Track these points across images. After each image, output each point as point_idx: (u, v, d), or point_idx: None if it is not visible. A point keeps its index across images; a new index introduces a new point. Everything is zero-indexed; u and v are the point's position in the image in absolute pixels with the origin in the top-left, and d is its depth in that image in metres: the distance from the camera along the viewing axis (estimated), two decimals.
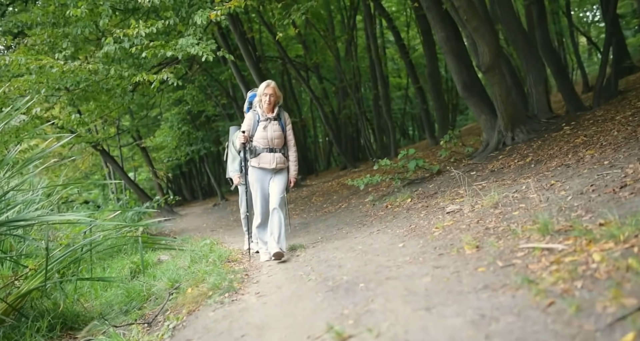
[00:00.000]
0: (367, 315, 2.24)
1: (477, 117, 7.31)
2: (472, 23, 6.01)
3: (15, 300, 4.12)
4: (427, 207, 4.91)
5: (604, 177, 3.52)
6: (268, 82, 4.63)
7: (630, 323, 1.44)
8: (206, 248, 5.91)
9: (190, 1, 6.31)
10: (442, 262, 2.84)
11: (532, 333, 1.59)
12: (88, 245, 5.04)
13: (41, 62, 6.35)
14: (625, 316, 1.48)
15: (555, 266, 2.13)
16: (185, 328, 3.24)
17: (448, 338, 1.73)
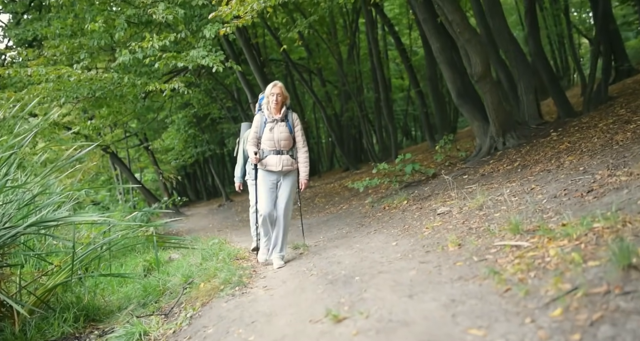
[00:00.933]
0: (360, 302, 2.64)
1: (470, 123, 7.71)
2: (464, 35, 6.41)
3: (43, 294, 4.55)
4: (421, 209, 5.31)
5: (576, 182, 3.91)
6: (275, 82, 4.58)
7: (560, 302, 1.84)
8: (215, 247, 6.32)
9: (200, 16, 6.72)
10: (428, 258, 3.24)
11: (488, 312, 1.99)
12: (107, 243, 5.49)
13: (60, 71, 6.77)
14: (559, 298, 1.88)
15: (518, 260, 2.52)
16: (200, 317, 3.64)
17: (423, 317, 2.13)
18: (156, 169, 19.48)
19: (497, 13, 7.27)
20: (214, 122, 20.52)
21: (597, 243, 2.31)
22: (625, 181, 3.34)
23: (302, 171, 4.62)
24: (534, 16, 8.46)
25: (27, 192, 4.81)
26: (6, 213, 4.50)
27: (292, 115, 4.63)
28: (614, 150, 4.51)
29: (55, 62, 7.62)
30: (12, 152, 4.66)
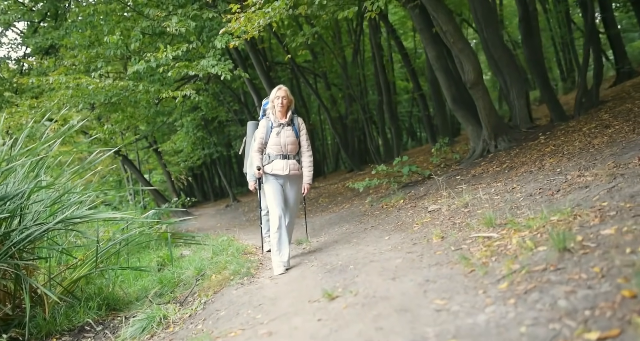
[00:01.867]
0: (352, 285, 3.08)
1: (465, 127, 8.13)
2: (458, 45, 6.84)
3: (69, 285, 5.02)
4: (415, 207, 5.74)
5: (551, 182, 4.34)
6: (279, 86, 4.59)
7: (508, 278, 2.28)
8: (225, 243, 6.79)
9: (210, 27, 7.19)
10: (414, 249, 3.68)
11: (453, 288, 2.43)
12: (126, 240, 5.99)
13: (79, 80, 7.26)
14: (507, 275, 2.31)
15: (485, 248, 2.96)
16: (213, 302, 4.10)
17: (400, 293, 2.57)
18: (165, 171, 20.01)
19: (490, 22, 7.69)
20: (221, 125, 21.04)
21: (550, 232, 2.74)
22: (590, 181, 3.77)
23: (306, 176, 4.64)
24: (528, 24, 8.86)
25: (54, 192, 5.30)
26: (37, 211, 4.98)
27: (297, 120, 4.64)
28: (589, 153, 4.93)
29: (73, 70, 8.12)
30: (42, 156, 5.16)
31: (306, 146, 4.65)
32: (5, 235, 4.47)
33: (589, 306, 1.70)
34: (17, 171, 4.96)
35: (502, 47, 7.86)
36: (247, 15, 4.88)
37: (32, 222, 4.73)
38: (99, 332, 4.38)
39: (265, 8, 4.78)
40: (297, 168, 4.58)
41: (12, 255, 4.34)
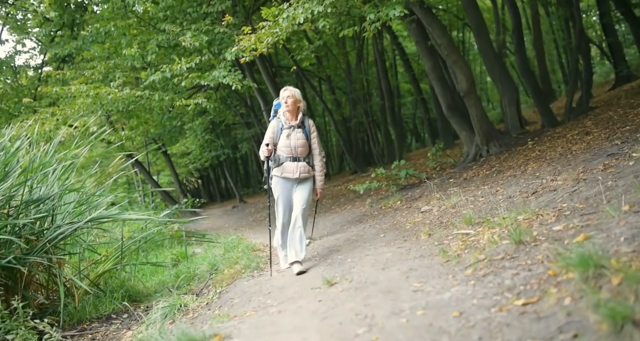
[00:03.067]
0: (348, 274, 3.61)
1: (459, 133, 8.64)
2: (452, 57, 7.36)
3: (95, 278, 5.56)
4: (409, 208, 6.26)
5: (529, 185, 4.84)
6: (286, 87, 4.58)
7: (473, 266, 2.80)
8: (235, 242, 7.34)
9: (221, 41, 7.74)
10: (404, 245, 4.20)
11: (430, 274, 2.95)
12: (145, 237, 6.54)
13: (99, 90, 7.83)
14: (473, 263, 2.83)
15: (462, 242, 3.47)
16: (227, 292, 4.62)
17: (387, 279, 3.10)
18: (173, 173, 20.61)
19: (482, 35, 8.20)
20: (228, 128, 21.61)
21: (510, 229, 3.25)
22: (559, 185, 4.27)
23: (318, 180, 4.62)
24: (520, 35, 9.37)
25: (81, 194, 5.85)
26: (67, 211, 5.53)
27: (308, 122, 4.60)
28: (566, 158, 5.43)
29: (92, 80, 8.70)
30: (72, 161, 5.71)
31: (317, 149, 4.60)
32: (40, 232, 5.00)
33: (525, 283, 2.22)
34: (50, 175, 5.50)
35: (494, 58, 8.37)
36: (257, 35, 5.42)
37: (63, 221, 5.27)
38: (124, 319, 4.89)
39: (272, 28, 5.32)
40: (308, 170, 4.53)
41: (47, 251, 4.87)
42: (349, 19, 6.52)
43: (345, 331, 2.30)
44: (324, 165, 4.67)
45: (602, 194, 3.35)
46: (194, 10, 7.83)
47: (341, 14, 5.99)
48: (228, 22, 6.10)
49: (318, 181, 4.64)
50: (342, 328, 2.37)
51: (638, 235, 2.30)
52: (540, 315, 1.82)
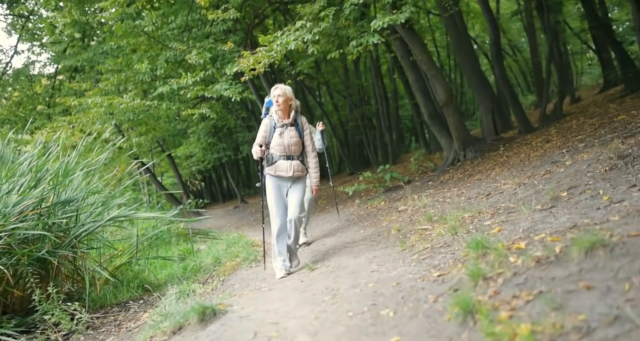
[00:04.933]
0: (327, 261, 4.43)
1: (439, 139, 9.45)
2: (431, 71, 8.18)
3: (113, 270, 6.36)
4: (390, 208, 7.08)
5: (487, 188, 5.65)
6: (276, 85, 4.49)
7: (419, 253, 3.61)
8: (236, 239, 8.16)
9: (222, 57, 8.57)
10: (376, 238, 5.02)
11: (388, 260, 3.76)
12: (156, 234, 7.37)
13: (113, 101, 8.67)
14: (420, 251, 3.65)
15: (419, 236, 4.29)
16: (229, 280, 5.44)
17: (355, 265, 3.91)
18: (177, 174, 21.48)
19: (463, 50, 9.00)
20: (230, 131, 22.45)
21: (460, 224, 4.06)
22: (507, 188, 5.09)
23: (313, 177, 4.58)
24: (498, 48, 10.18)
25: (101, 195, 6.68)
26: (90, 211, 6.35)
27: (301, 119, 4.55)
28: (523, 164, 6.24)
29: (106, 91, 9.55)
30: (96, 167, 6.54)
31: (311, 146, 4.55)
32: (67, 229, 5.81)
33: (446, 262, 3.04)
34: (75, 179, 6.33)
35: (472, 70, 9.18)
36: (255, 58, 6.24)
37: (86, 220, 6.08)
38: (140, 305, 5.69)
39: (268, 51, 6.13)
40: (302, 169, 4.50)
41: (73, 245, 5.68)
42: (336, 39, 7.32)
43: (316, 299, 3.12)
44: (317, 163, 4.60)
45: (531, 196, 4.17)
46: (199, 29, 8.68)
47: (330, 35, 6.81)
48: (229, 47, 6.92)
49: (313, 178, 4.59)
50: (314, 297, 3.19)
51: (532, 226, 3.11)
52: (444, 281, 2.64)
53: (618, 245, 2.06)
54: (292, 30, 5.85)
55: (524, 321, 1.72)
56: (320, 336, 2.36)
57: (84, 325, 4.63)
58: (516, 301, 1.93)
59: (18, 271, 4.91)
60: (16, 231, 4.90)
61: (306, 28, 5.75)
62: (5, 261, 4.67)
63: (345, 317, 2.56)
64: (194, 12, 8.20)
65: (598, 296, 1.70)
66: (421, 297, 2.51)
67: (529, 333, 1.59)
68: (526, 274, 2.16)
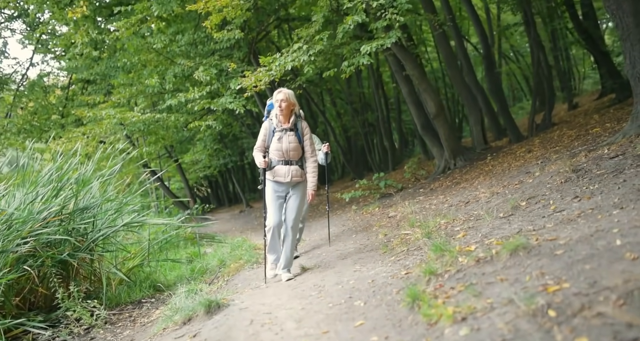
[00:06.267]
0: (318, 262, 4.98)
1: (431, 149, 9.99)
2: (422, 86, 8.73)
3: (127, 271, 6.91)
4: (382, 214, 7.62)
5: (468, 196, 6.19)
6: (280, 89, 4.47)
7: (397, 255, 4.15)
8: (240, 242, 8.73)
9: (227, 73, 9.17)
10: (365, 242, 5.57)
11: (371, 260, 4.31)
12: (166, 238, 7.94)
13: (125, 114, 9.29)
14: (398, 253, 4.19)
15: (400, 239, 4.83)
16: (233, 280, 5.99)
17: (341, 265, 4.46)
18: (184, 179, 22.14)
19: (452, 64, 9.55)
20: (235, 138, 23.06)
21: (435, 230, 4.60)
22: (483, 196, 5.62)
23: (310, 181, 4.53)
24: (490, 60, 10.72)
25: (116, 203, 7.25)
26: (107, 217, 6.92)
27: (301, 124, 4.50)
28: (503, 174, 6.77)
29: (118, 104, 10.19)
30: (110, 177, 7.13)
31: (310, 151, 4.50)
32: (85, 234, 6.38)
33: (415, 263, 3.58)
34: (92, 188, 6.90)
35: (462, 84, 9.73)
36: (256, 76, 6.82)
37: (102, 225, 6.65)
38: (152, 303, 6.23)
39: (268, 71, 6.71)
40: (300, 174, 4.47)
41: (91, 249, 6.25)
42: (333, 56, 7.90)
43: (304, 294, 3.67)
44: (316, 168, 4.55)
45: (499, 205, 4.71)
46: (205, 46, 9.29)
47: (326, 53, 7.38)
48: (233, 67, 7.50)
49: (310, 182, 4.54)
50: (303, 292, 3.74)
51: (490, 231, 3.66)
52: (408, 277, 3.19)
53: (535, 247, 2.60)
54: (290, 52, 6.44)
55: (451, 305, 2.26)
56: (304, 322, 2.91)
57: (103, 320, 5.11)
58: (452, 291, 2.48)
59: (42, 272, 5.45)
60: (41, 236, 5.44)
61: (302, 50, 6.33)
62: (32, 263, 5.21)
63: (326, 307, 3.11)
64: (200, 30, 8.80)
65: (506, 286, 2.24)
66: (388, 291, 3.06)
67: (451, 313, 2.14)
68: (466, 271, 2.70)
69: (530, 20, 9.86)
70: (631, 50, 5.44)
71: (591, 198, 3.51)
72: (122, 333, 4.87)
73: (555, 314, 1.77)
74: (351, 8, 6.07)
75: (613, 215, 2.86)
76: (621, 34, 5.55)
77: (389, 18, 5.84)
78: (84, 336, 4.84)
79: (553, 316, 1.76)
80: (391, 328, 2.36)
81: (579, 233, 2.67)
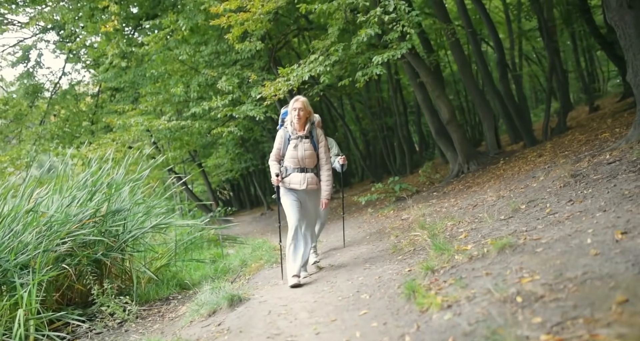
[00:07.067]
0: (332, 262, 5.33)
1: (445, 153, 10.26)
2: (435, 93, 9.03)
3: (155, 270, 7.35)
4: (396, 216, 7.94)
5: (477, 199, 6.46)
6: (297, 97, 4.48)
7: (404, 254, 4.48)
8: (260, 244, 9.13)
9: (247, 82, 9.63)
10: (377, 243, 5.90)
11: (379, 260, 4.64)
12: (191, 239, 8.38)
13: (152, 122, 9.81)
14: (406, 253, 4.51)
15: (409, 240, 5.14)
16: (254, 278, 6.39)
17: (353, 263, 4.80)
18: (207, 183, 22.77)
19: (466, 72, 9.83)
20: (256, 142, 23.59)
21: (441, 231, 4.91)
22: (490, 200, 5.90)
23: (324, 190, 4.54)
24: (503, 66, 10.94)
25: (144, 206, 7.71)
26: (136, 219, 7.38)
27: (316, 131, 4.53)
28: (513, 178, 7.02)
29: (145, 112, 10.74)
30: (139, 182, 7.58)
31: (324, 159, 4.52)
32: (117, 235, 6.83)
33: (419, 261, 3.91)
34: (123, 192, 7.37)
35: (476, 90, 9.99)
36: (275, 86, 7.23)
37: (133, 227, 7.11)
38: (179, 300, 6.65)
39: (286, 81, 7.11)
40: (315, 182, 4.49)
41: (122, 249, 6.70)
42: (349, 65, 8.27)
43: (318, 289, 4.03)
44: (330, 177, 4.56)
45: (503, 208, 5.00)
46: (227, 56, 9.77)
47: (342, 62, 7.75)
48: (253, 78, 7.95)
49: (324, 191, 4.54)
50: (316, 288, 4.10)
51: (489, 232, 3.96)
52: (410, 274, 3.53)
53: (520, 246, 2.92)
54: (307, 63, 6.83)
55: (441, 295, 2.60)
56: (316, 312, 3.27)
57: (134, 315, 5.49)
58: (444, 284, 2.81)
59: (79, 270, 5.90)
60: (77, 237, 5.89)
61: (318, 61, 6.71)
62: (70, 261, 5.65)
63: (335, 300, 3.47)
64: (223, 41, 9.27)
65: (489, 279, 2.57)
66: (391, 285, 3.40)
67: (440, 301, 2.48)
68: (459, 267, 3.03)
69: (544, 26, 10.06)
70: (633, 59, 5.67)
71: (582, 202, 3.79)
72: (152, 327, 5.26)
73: (522, 300, 2.10)
74: (365, 21, 6.43)
75: (595, 217, 3.15)
76: (624, 44, 5.78)
77: (399, 30, 6.19)
78: (117, 329, 5.23)
79: (519, 302, 2.09)
80: (390, 316, 2.71)
81: (561, 233, 2.98)
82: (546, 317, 1.86)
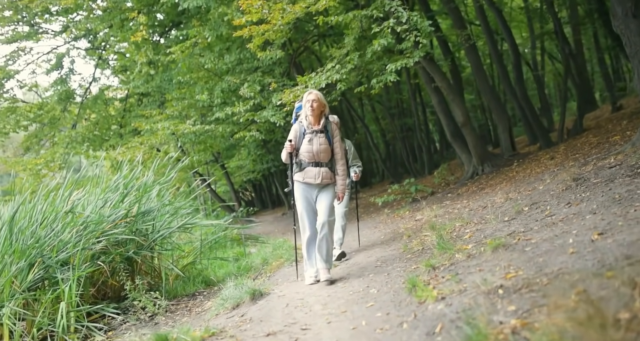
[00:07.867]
0: (348, 260, 5.67)
1: (460, 155, 10.50)
2: (450, 96, 9.28)
3: (182, 268, 7.79)
4: (411, 217, 8.24)
5: (487, 201, 6.73)
6: (310, 90, 4.47)
7: (413, 252, 4.80)
8: (281, 243, 9.53)
9: (268, 89, 10.05)
10: (390, 243, 6.22)
11: (391, 259, 4.97)
12: (215, 239, 8.81)
13: (178, 127, 10.30)
14: (415, 251, 4.84)
15: (420, 240, 5.45)
16: (274, 275, 6.77)
17: (366, 262, 5.14)
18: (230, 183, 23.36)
19: (480, 75, 10.05)
20: (277, 143, 24.07)
21: (449, 232, 5.20)
22: (499, 201, 6.17)
23: (339, 183, 4.54)
24: (519, 69, 11.12)
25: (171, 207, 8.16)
26: (164, 220, 7.82)
27: (331, 126, 4.52)
28: (523, 180, 7.26)
29: (171, 116, 11.26)
30: (166, 184, 8.03)
31: (339, 153, 4.52)
32: (146, 234, 7.27)
33: (426, 257, 4.23)
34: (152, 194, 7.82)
35: (491, 94, 10.21)
36: (294, 93, 7.62)
37: (161, 227, 7.55)
38: (205, 295, 7.06)
39: (304, 87, 7.49)
40: (330, 176, 4.49)
41: (152, 248, 7.14)
42: (365, 71, 8.60)
43: (331, 285, 4.39)
44: (345, 171, 4.57)
45: (508, 209, 5.27)
46: (249, 63, 10.21)
47: (358, 69, 8.09)
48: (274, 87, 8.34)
49: (338, 184, 4.55)
50: (330, 283, 4.46)
51: (492, 233, 4.26)
52: (415, 270, 3.85)
53: (512, 245, 3.23)
54: (324, 71, 7.19)
55: (437, 289, 2.93)
56: (329, 305, 3.63)
57: (163, 309, 5.87)
58: (442, 279, 3.14)
59: (112, 267, 6.34)
60: (111, 236, 6.34)
61: (335, 69, 7.07)
62: (104, 259, 6.10)
63: (347, 294, 3.83)
64: (245, 50, 9.71)
65: (482, 274, 2.88)
66: (397, 281, 3.74)
67: (435, 294, 2.81)
68: (457, 264, 3.36)
69: (559, 29, 10.22)
70: (638, 66, 5.88)
71: (578, 205, 4.06)
72: (181, 320, 5.65)
73: (502, 292, 2.42)
74: (378, 32, 6.77)
75: (585, 220, 3.43)
76: (629, 52, 5.99)
77: (412, 40, 6.50)
78: (149, 322, 5.62)
79: (500, 293, 2.41)
80: (392, 307, 3.05)
81: (551, 234, 3.28)
82: (519, 306, 2.18)
